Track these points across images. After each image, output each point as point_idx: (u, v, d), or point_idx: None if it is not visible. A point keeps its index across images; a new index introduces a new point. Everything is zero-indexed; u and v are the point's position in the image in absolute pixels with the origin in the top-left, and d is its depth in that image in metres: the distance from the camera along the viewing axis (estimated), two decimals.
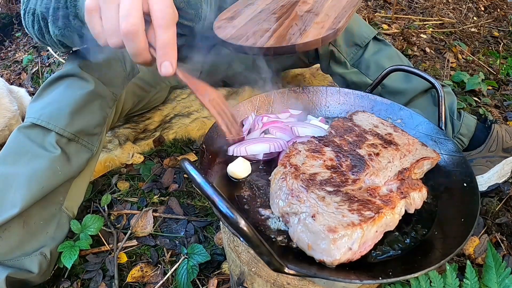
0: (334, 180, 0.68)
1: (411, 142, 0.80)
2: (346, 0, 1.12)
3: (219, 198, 0.49)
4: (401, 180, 0.70)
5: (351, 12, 1.04)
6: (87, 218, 1.18)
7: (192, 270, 1.08)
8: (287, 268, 0.54)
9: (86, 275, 1.13)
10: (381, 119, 0.89)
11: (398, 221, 0.65)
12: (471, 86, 2.01)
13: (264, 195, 0.75)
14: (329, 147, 0.77)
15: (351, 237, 0.57)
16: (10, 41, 2.89)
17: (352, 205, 0.62)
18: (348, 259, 0.58)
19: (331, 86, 1.02)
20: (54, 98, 1.08)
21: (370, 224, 0.59)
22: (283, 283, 0.71)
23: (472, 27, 2.89)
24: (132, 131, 1.60)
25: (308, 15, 1.03)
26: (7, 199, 0.99)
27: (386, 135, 0.82)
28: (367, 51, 1.38)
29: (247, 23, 0.99)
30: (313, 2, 1.12)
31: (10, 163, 1.02)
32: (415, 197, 0.68)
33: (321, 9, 1.07)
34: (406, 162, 0.75)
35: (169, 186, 1.41)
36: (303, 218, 0.61)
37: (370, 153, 0.76)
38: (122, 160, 1.50)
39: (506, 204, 1.34)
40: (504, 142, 1.32)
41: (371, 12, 2.84)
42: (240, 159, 0.81)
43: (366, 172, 0.71)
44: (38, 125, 1.04)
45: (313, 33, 0.94)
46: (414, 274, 0.57)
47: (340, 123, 0.85)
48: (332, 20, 0.99)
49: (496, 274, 0.94)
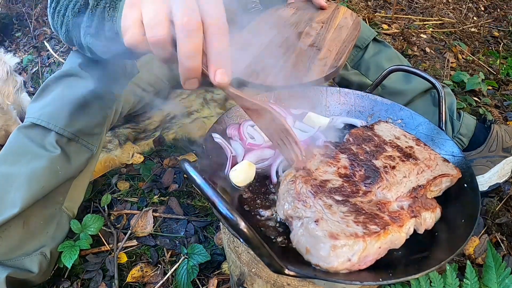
0: (344, 189, 0.67)
1: (432, 157, 0.76)
2: (346, 33, 1.15)
3: (219, 199, 0.49)
4: (414, 198, 0.68)
5: (351, 47, 1.08)
6: (87, 218, 1.18)
7: (192, 270, 1.08)
8: (287, 269, 0.53)
9: (86, 275, 1.13)
10: (404, 131, 0.85)
11: (404, 240, 0.63)
12: (471, 86, 2.01)
13: (264, 196, 0.75)
14: (345, 154, 0.75)
15: (352, 248, 0.56)
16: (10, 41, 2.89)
17: (359, 217, 0.61)
18: (345, 269, 0.57)
19: (331, 86, 1.02)
20: (54, 98, 1.08)
21: (374, 238, 0.57)
22: (283, 284, 0.71)
23: (472, 27, 2.89)
24: (132, 131, 1.60)
25: (312, 50, 1.06)
26: (7, 199, 0.99)
27: (407, 148, 0.79)
28: (367, 53, 1.38)
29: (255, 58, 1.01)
30: (316, 35, 1.14)
31: (10, 163, 1.02)
32: (426, 217, 0.66)
33: (323, 43, 1.09)
34: (422, 178, 0.72)
35: (169, 186, 1.41)
36: (306, 222, 0.60)
37: (386, 165, 0.73)
38: (122, 160, 1.50)
39: (506, 204, 1.34)
40: (504, 142, 1.32)
41: (371, 12, 2.83)
42: (244, 163, 0.79)
43: (379, 185, 0.69)
44: (38, 125, 1.04)
45: (317, 71, 0.97)
46: (415, 275, 0.57)
47: (360, 131, 0.83)
48: (334, 57, 1.02)
49: (496, 274, 0.94)
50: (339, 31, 1.16)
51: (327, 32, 1.15)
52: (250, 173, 0.78)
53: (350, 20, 1.23)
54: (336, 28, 1.18)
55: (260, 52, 1.04)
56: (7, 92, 1.48)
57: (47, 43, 2.55)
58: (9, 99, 1.50)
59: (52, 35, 2.70)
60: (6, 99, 1.48)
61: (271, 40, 1.09)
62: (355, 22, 1.22)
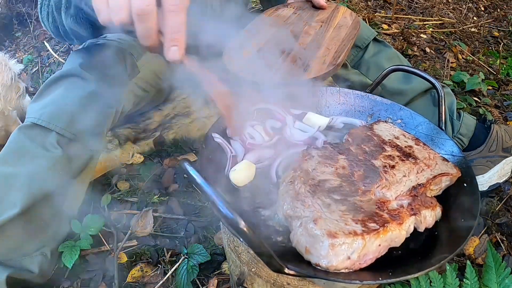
0: (343, 189, 0.67)
1: (432, 157, 0.77)
2: (345, 32, 1.15)
3: (219, 199, 0.49)
4: (414, 196, 0.68)
5: (350, 45, 1.08)
6: (87, 218, 1.18)
7: (192, 270, 1.08)
8: (287, 268, 0.54)
9: (86, 275, 1.13)
10: (403, 131, 0.85)
11: (404, 238, 0.63)
12: (471, 86, 2.01)
13: (264, 196, 0.75)
14: (344, 155, 0.76)
15: (351, 246, 0.56)
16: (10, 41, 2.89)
17: (358, 215, 0.61)
18: (345, 267, 0.57)
19: (331, 86, 1.02)
20: (54, 98, 1.08)
21: (373, 236, 0.57)
22: (283, 283, 0.71)
23: (472, 27, 2.89)
24: (132, 131, 1.60)
25: (311, 48, 1.05)
26: (7, 199, 0.99)
27: (406, 147, 0.79)
28: (367, 52, 1.39)
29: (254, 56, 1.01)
30: (315, 34, 1.14)
31: (10, 163, 1.02)
32: (426, 215, 0.66)
33: (322, 42, 1.09)
34: (422, 177, 0.72)
35: (169, 186, 1.41)
36: (305, 222, 0.60)
37: (386, 165, 0.74)
38: (122, 160, 1.50)
39: (506, 204, 1.34)
40: (504, 142, 1.32)
41: (371, 12, 2.83)
42: (244, 163, 0.79)
43: (378, 184, 0.69)
44: (39, 125, 1.04)
45: (316, 68, 0.97)
46: (414, 275, 0.57)
47: (359, 131, 0.83)
48: (333, 55, 1.02)
49: (496, 274, 0.94)
50: (338, 30, 1.16)
51: (326, 31, 1.15)
52: (250, 173, 0.78)
53: (350, 19, 1.23)
54: (336, 27, 1.18)
55: (258, 50, 1.04)
56: (9, 98, 1.48)
57: (47, 43, 2.55)
58: (11, 105, 1.50)
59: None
60: (8, 105, 1.49)
61: (270, 39, 1.09)
62: (355, 21, 1.22)
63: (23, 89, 1.54)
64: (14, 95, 1.49)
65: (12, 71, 1.48)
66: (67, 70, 1.12)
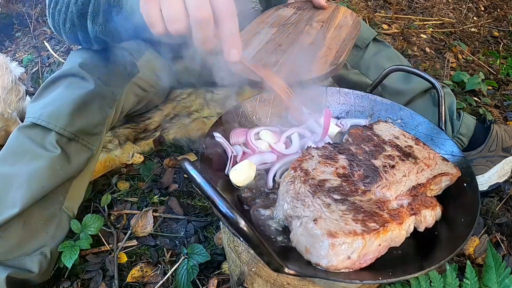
0: (343, 188, 0.67)
1: (432, 157, 0.77)
2: (345, 32, 1.15)
3: (219, 198, 0.49)
4: (414, 196, 0.68)
5: (351, 45, 1.08)
6: (87, 218, 1.18)
7: (192, 270, 1.08)
8: (287, 268, 0.54)
9: (86, 275, 1.13)
10: (403, 131, 0.86)
11: (404, 237, 0.63)
12: (471, 86, 2.01)
13: (264, 195, 0.75)
14: (344, 154, 0.76)
15: (351, 246, 0.56)
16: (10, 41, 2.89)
17: (358, 215, 0.61)
18: (346, 267, 0.57)
19: (331, 86, 1.02)
20: (54, 97, 1.08)
21: (373, 236, 0.57)
22: (283, 283, 0.71)
23: (472, 27, 2.89)
24: (132, 131, 1.60)
25: (312, 48, 1.06)
26: (7, 198, 0.99)
27: (406, 147, 0.79)
28: (367, 52, 1.39)
29: (256, 55, 1.02)
30: (316, 34, 1.14)
31: (10, 163, 1.02)
32: (426, 215, 0.66)
33: (323, 42, 1.09)
34: (422, 177, 0.72)
35: (169, 186, 1.41)
36: (305, 221, 0.60)
37: (386, 165, 0.74)
38: (122, 160, 1.50)
39: (506, 204, 1.34)
40: (503, 142, 1.32)
41: (371, 12, 2.84)
42: (245, 163, 0.79)
43: (378, 184, 0.69)
44: (38, 125, 1.04)
45: (317, 68, 0.97)
46: (414, 274, 0.57)
47: (359, 131, 0.83)
48: (334, 55, 1.02)
49: (496, 274, 0.94)
50: (339, 30, 1.16)
51: (327, 31, 1.15)
52: (250, 172, 0.78)
53: (350, 19, 1.24)
54: (336, 27, 1.18)
55: (260, 49, 1.04)
56: (9, 101, 1.48)
57: (47, 43, 2.55)
58: (11, 108, 1.51)
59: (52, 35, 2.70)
60: (7, 107, 1.49)
61: (270, 39, 1.09)
62: (355, 21, 1.22)
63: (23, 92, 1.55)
64: (14, 98, 1.50)
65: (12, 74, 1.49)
66: (66, 70, 1.12)
